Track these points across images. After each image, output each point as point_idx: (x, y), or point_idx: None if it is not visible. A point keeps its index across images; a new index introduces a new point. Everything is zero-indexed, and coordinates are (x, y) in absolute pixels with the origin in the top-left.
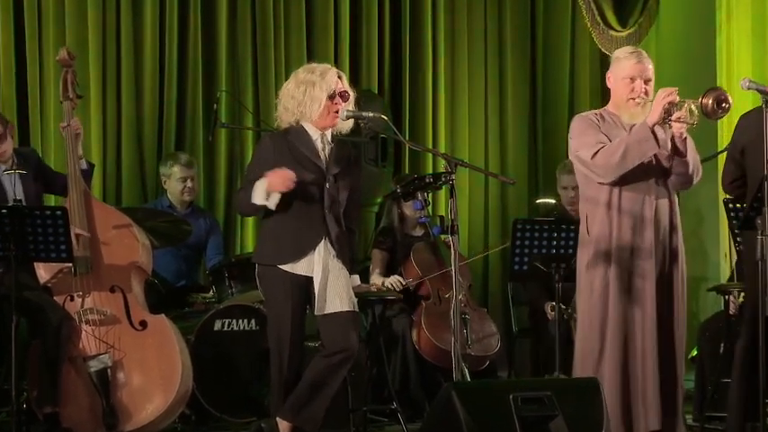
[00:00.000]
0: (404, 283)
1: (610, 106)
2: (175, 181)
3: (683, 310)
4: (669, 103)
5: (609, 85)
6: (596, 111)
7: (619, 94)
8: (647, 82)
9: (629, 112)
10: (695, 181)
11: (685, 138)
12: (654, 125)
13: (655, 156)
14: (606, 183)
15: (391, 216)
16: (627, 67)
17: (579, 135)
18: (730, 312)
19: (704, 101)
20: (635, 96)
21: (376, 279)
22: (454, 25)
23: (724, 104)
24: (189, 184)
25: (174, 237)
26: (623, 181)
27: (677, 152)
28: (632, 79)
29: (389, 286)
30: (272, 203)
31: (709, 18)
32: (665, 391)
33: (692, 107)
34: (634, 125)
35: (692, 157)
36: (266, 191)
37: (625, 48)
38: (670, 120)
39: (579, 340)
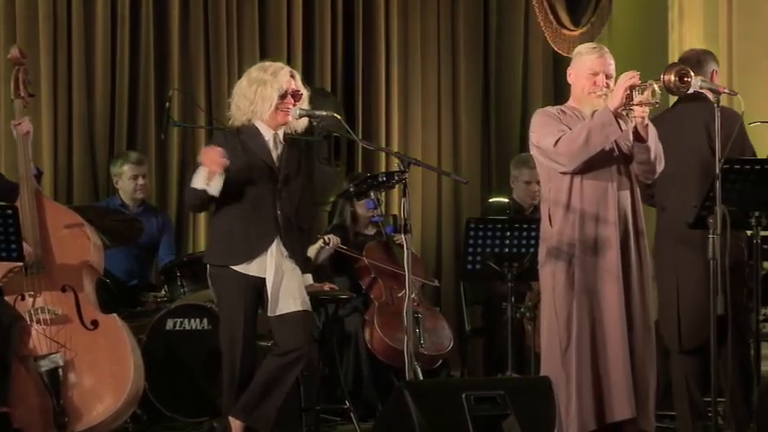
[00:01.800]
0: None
1: (571, 101)
2: (127, 179)
3: (650, 303)
4: (631, 86)
5: (570, 80)
6: (558, 106)
7: (580, 88)
8: (608, 77)
9: (590, 105)
10: (658, 169)
11: (647, 124)
12: (616, 109)
13: (617, 144)
14: (569, 171)
15: (344, 215)
16: (589, 62)
17: (541, 127)
18: None
19: (666, 77)
20: (596, 90)
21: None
22: (407, 24)
23: (686, 78)
24: (140, 181)
25: (125, 236)
26: (586, 169)
27: (639, 139)
28: (594, 74)
29: (326, 239)
30: (213, 188)
31: (661, 17)
32: (635, 385)
33: (655, 87)
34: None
35: (654, 143)
36: (206, 175)
37: (587, 44)
38: (632, 104)
39: (545, 333)
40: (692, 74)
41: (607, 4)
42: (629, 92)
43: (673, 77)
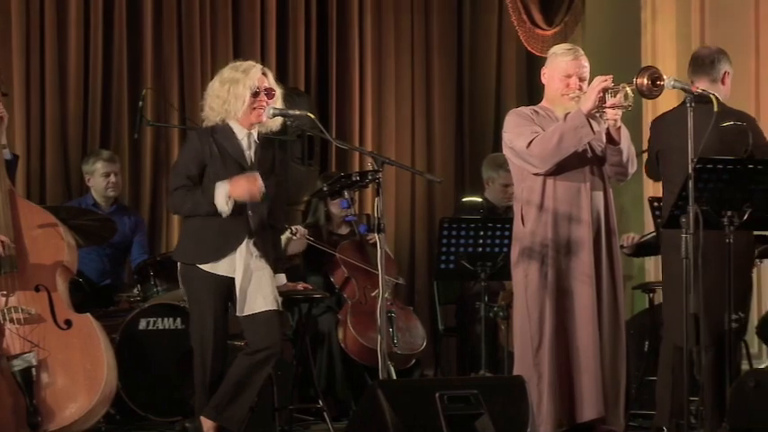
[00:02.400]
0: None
1: (544, 102)
2: (99, 177)
3: (622, 302)
4: (603, 89)
5: (543, 80)
6: (531, 107)
7: (553, 90)
8: (582, 80)
9: (563, 107)
10: (631, 170)
11: (620, 126)
12: (589, 112)
13: (590, 146)
14: (542, 172)
15: (317, 214)
16: (563, 64)
17: (514, 127)
18: None
19: (639, 80)
20: (569, 93)
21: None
22: (381, 23)
23: (658, 82)
24: (112, 178)
25: (99, 235)
26: (559, 170)
27: (611, 141)
28: (568, 76)
29: (293, 229)
30: (229, 208)
31: (634, 17)
32: (605, 385)
33: (628, 90)
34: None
35: (627, 146)
36: (228, 195)
37: (562, 45)
38: (605, 107)
39: (517, 333)
40: (665, 76)
41: (580, 4)
42: (601, 94)
43: (645, 81)
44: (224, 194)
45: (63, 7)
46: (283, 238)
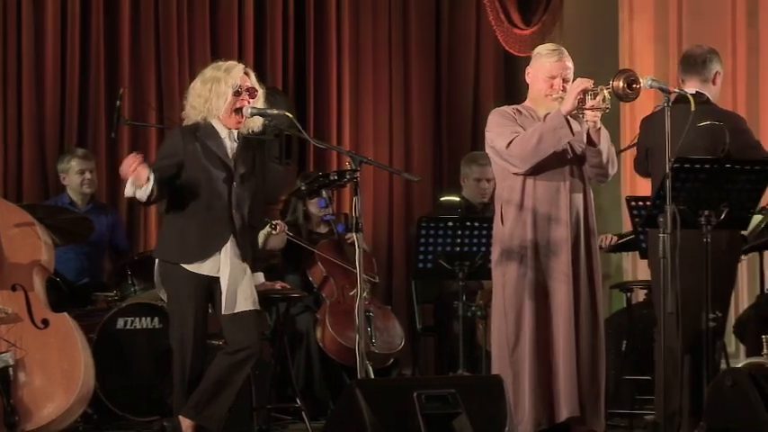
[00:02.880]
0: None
1: (527, 101)
2: (74, 174)
3: (601, 302)
4: (583, 91)
5: (527, 79)
6: (514, 106)
7: (537, 90)
8: (565, 81)
9: (545, 107)
10: (611, 172)
11: (599, 128)
12: (568, 113)
13: (570, 146)
14: (521, 172)
15: (296, 214)
16: (547, 65)
17: (495, 127)
18: None
19: (615, 83)
20: (552, 94)
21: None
22: (359, 23)
23: (634, 85)
24: (87, 176)
25: (76, 234)
26: (538, 170)
27: (591, 142)
28: (552, 77)
29: (272, 224)
30: (141, 194)
31: (612, 17)
32: (584, 385)
33: (606, 93)
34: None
35: (606, 147)
36: (132, 183)
37: (547, 45)
38: (584, 108)
39: (495, 332)
40: (641, 80)
41: (558, 4)
42: (581, 96)
43: (621, 84)
44: (129, 182)
45: (40, 6)
46: (263, 233)
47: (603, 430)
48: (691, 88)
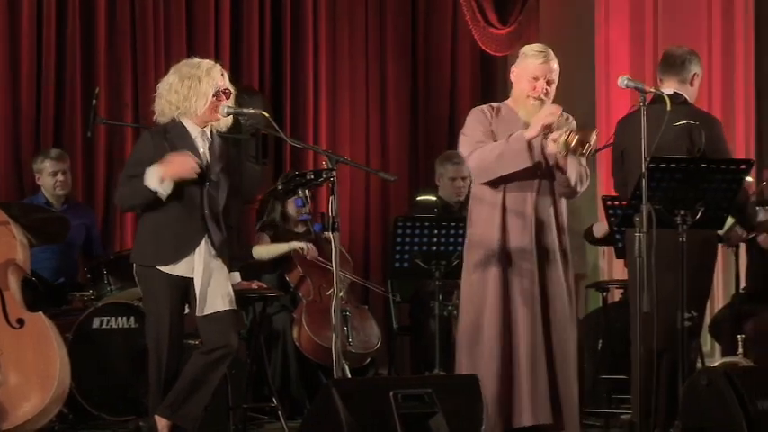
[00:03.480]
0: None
1: (509, 100)
2: (47, 176)
3: (571, 311)
4: (546, 125)
5: (512, 78)
6: (495, 104)
7: (519, 90)
8: (549, 83)
9: (526, 109)
10: (580, 190)
11: (565, 155)
12: (531, 139)
13: (543, 156)
14: (478, 183)
15: (274, 213)
16: (532, 66)
17: (466, 130)
18: None
19: (570, 137)
20: (535, 95)
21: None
22: (336, 22)
23: (581, 149)
24: (60, 177)
25: (52, 234)
26: (507, 179)
27: (559, 167)
28: (536, 78)
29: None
30: (165, 189)
31: (588, 17)
32: (555, 392)
33: (568, 136)
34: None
35: (575, 172)
36: (161, 176)
37: (534, 45)
38: (549, 136)
39: (460, 336)
40: (593, 138)
41: (535, 4)
42: (546, 130)
43: (574, 142)
44: (156, 176)
45: (15, 6)
46: (285, 246)
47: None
48: (669, 88)
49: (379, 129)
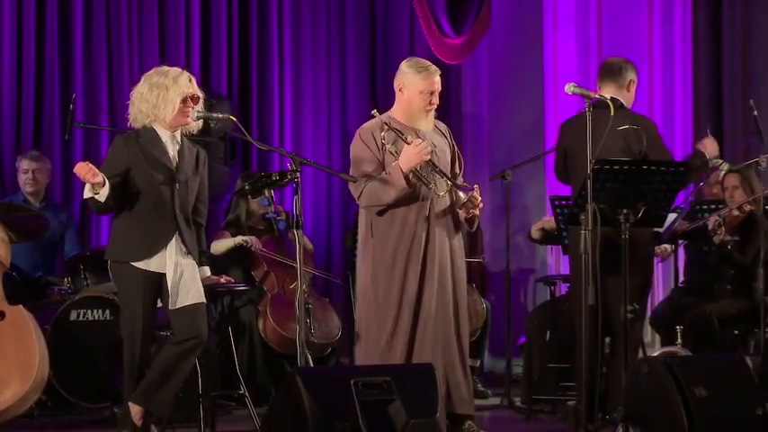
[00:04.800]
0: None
1: (397, 114)
2: (21, 173)
3: (464, 302)
4: (422, 159)
5: (401, 92)
6: (381, 121)
7: (415, 106)
8: (435, 93)
9: (424, 121)
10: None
11: (473, 220)
12: (408, 171)
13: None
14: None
15: (238, 211)
16: (422, 83)
17: (355, 159)
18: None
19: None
20: (431, 108)
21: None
22: (299, 32)
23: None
24: (30, 175)
25: (31, 231)
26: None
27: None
28: (431, 93)
29: (247, 241)
30: (101, 195)
31: (536, 27)
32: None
33: (461, 195)
34: (417, 132)
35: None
36: (90, 187)
37: (415, 61)
38: (457, 206)
39: (363, 335)
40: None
41: (486, 15)
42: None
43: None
44: (87, 186)
45: None
46: (231, 242)
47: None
48: (607, 94)
49: (341, 132)
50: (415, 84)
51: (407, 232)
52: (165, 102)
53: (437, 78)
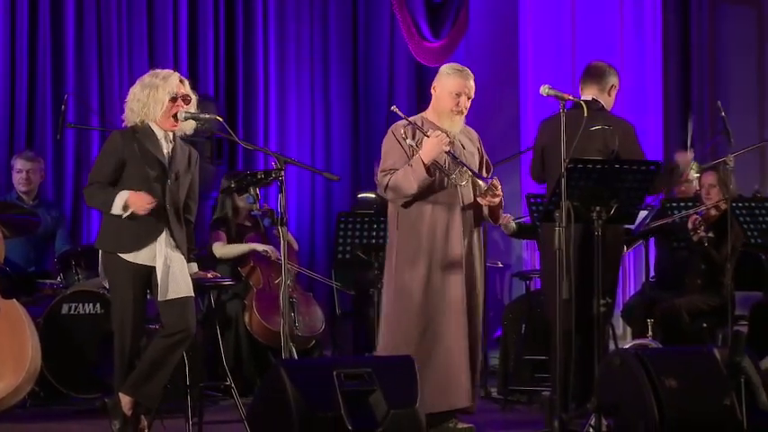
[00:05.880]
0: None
1: (429, 113)
2: (15, 173)
3: (481, 300)
4: (443, 149)
5: (434, 93)
6: (413, 119)
7: (443, 105)
8: (468, 98)
9: (450, 121)
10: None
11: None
12: (428, 162)
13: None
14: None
15: (225, 209)
16: (455, 84)
17: (384, 154)
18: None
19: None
20: (459, 110)
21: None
22: (283, 36)
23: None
24: (23, 175)
25: (24, 228)
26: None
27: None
28: (458, 95)
29: (268, 251)
30: (125, 215)
31: (513, 31)
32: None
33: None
34: (448, 133)
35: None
36: (125, 206)
37: (453, 64)
38: (479, 196)
39: (388, 328)
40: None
41: (465, 19)
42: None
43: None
44: (121, 203)
45: None
46: (244, 248)
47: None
48: (588, 95)
49: (324, 133)
50: (446, 84)
51: (431, 225)
52: (155, 100)
53: (470, 83)
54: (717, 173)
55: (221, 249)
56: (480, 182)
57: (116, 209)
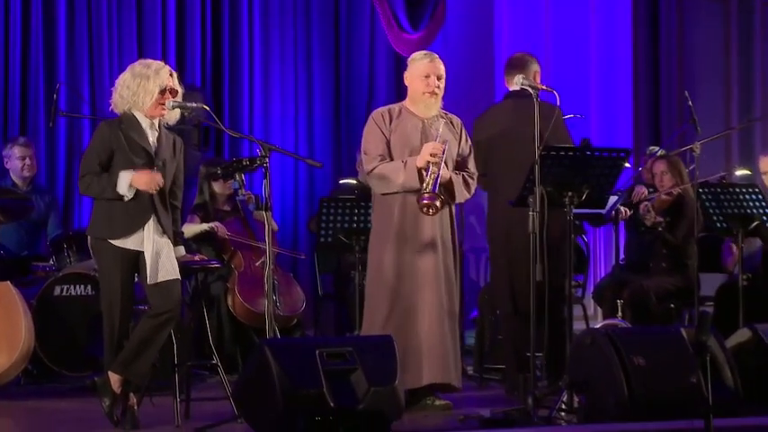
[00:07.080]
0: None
1: (407, 102)
2: (15, 160)
3: (456, 279)
4: (433, 155)
5: (407, 83)
6: (394, 105)
7: (415, 89)
8: (439, 78)
9: (424, 104)
10: (468, 196)
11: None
12: (421, 168)
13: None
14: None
15: (203, 194)
16: (422, 67)
17: (366, 138)
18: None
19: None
20: (429, 90)
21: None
22: (268, 28)
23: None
24: (27, 161)
25: (18, 213)
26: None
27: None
28: (427, 76)
29: (214, 227)
30: (130, 194)
31: (488, 24)
32: (449, 349)
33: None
34: (424, 120)
35: (460, 195)
36: (130, 183)
37: (420, 51)
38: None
39: (369, 302)
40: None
41: (442, 12)
42: (428, 164)
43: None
44: (127, 182)
45: None
46: (199, 228)
47: (460, 386)
48: (515, 86)
49: (307, 120)
50: (415, 69)
51: (402, 205)
52: (145, 91)
53: (437, 64)
54: (668, 160)
55: (185, 229)
56: (430, 186)
57: (122, 188)
